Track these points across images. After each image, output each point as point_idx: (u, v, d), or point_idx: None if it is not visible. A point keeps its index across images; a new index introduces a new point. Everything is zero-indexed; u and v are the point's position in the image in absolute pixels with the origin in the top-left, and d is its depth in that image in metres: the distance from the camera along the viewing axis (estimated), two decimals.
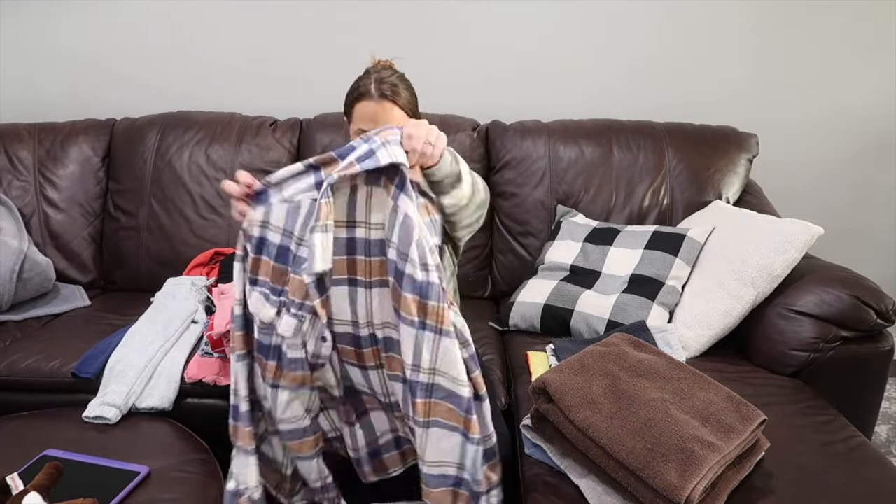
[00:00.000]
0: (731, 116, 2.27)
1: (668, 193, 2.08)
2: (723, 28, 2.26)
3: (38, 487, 1.17)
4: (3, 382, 1.66)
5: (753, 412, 1.20)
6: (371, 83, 1.44)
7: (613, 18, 2.27)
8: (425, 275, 1.10)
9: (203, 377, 1.61)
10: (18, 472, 1.26)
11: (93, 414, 1.50)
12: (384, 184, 1.14)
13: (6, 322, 1.90)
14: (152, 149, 2.18)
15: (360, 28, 2.30)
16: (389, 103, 1.42)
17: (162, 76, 2.40)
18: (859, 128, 2.34)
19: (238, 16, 2.32)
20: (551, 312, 1.80)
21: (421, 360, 1.13)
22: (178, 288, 1.93)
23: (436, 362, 1.13)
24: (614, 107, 2.32)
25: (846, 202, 2.43)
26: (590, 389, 1.21)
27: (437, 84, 2.34)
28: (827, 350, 1.55)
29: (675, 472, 1.05)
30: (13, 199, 2.13)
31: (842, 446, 1.29)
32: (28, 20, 2.36)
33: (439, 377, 1.14)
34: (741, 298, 1.64)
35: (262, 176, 1.19)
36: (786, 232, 1.64)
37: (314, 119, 2.25)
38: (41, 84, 2.43)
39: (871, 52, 2.26)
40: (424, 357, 1.12)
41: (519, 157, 2.14)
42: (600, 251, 1.91)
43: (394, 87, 1.43)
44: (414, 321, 1.11)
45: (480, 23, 2.29)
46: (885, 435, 2.15)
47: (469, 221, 1.41)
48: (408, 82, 1.48)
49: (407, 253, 1.10)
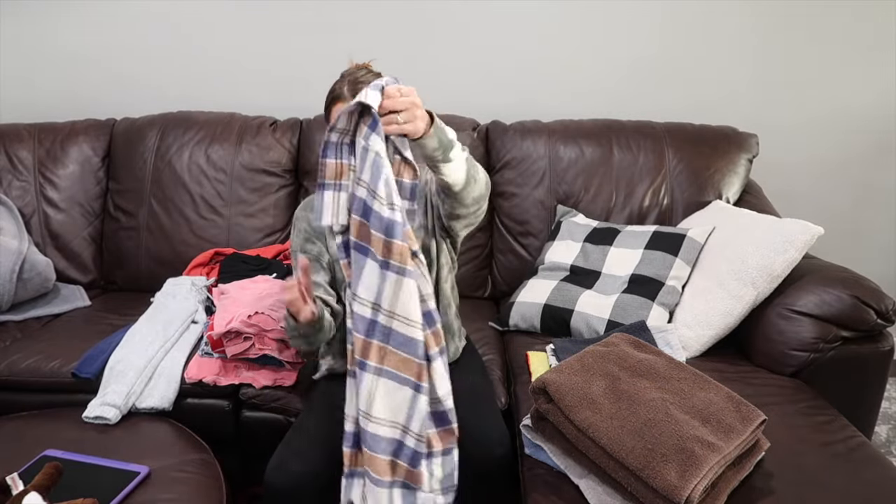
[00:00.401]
0: (731, 116, 2.27)
1: (668, 193, 2.08)
2: (723, 28, 2.26)
3: (37, 487, 1.17)
4: (3, 382, 1.66)
5: (753, 412, 1.20)
6: (345, 85, 1.42)
7: (613, 18, 2.27)
8: (391, 213, 1.14)
9: (203, 377, 1.61)
10: (18, 473, 1.26)
11: (93, 414, 1.50)
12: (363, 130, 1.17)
13: (6, 322, 1.90)
14: (152, 149, 2.18)
15: (361, 28, 2.31)
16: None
17: (162, 76, 2.40)
18: (859, 128, 2.34)
19: (238, 16, 2.32)
20: (551, 312, 1.80)
21: (382, 300, 1.16)
22: (178, 288, 1.93)
23: (395, 304, 1.16)
24: (614, 107, 2.32)
25: (846, 202, 2.43)
26: (590, 389, 1.21)
27: (437, 84, 2.34)
28: (827, 350, 1.55)
29: (675, 472, 1.05)
30: (13, 199, 2.13)
31: (842, 446, 1.29)
32: (28, 20, 2.36)
33: (396, 322, 1.16)
34: (741, 298, 1.64)
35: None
36: (786, 232, 1.64)
37: (314, 119, 2.25)
38: (41, 84, 2.43)
39: (871, 52, 2.26)
40: (385, 296, 1.16)
41: (519, 157, 2.14)
42: (600, 251, 1.91)
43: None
44: (378, 259, 1.15)
45: (480, 23, 2.29)
46: (885, 435, 2.15)
47: (465, 213, 1.39)
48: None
49: (375, 189, 1.13)
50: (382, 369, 1.18)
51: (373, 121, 1.14)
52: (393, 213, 1.14)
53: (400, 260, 1.15)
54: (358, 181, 1.17)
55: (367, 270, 1.17)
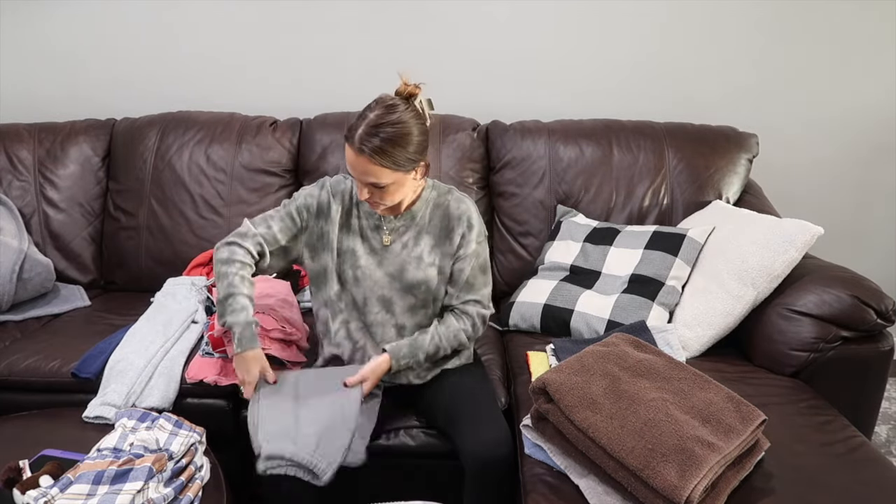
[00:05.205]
0: (731, 116, 2.27)
1: (668, 193, 2.08)
2: (723, 28, 2.26)
3: (48, 472, 1.23)
4: (3, 382, 1.66)
5: (753, 412, 1.20)
6: (357, 131, 1.33)
7: (613, 18, 2.27)
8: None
9: (203, 377, 1.61)
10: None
11: (93, 414, 1.51)
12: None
13: (6, 322, 1.90)
14: (152, 149, 2.18)
15: (361, 28, 2.30)
16: (366, 160, 1.33)
17: (162, 76, 2.40)
18: (860, 128, 2.34)
19: (238, 16, 2.32)
20: (551, 312, 1.80)
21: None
22: (178, 288, 1.93)
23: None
24: (614, 107, 2.32)
25: (846, 202, 2.43)
26: (590, 389, 1.21)
27: (437, 84, 2.32)
28: (827, 350, 1.55)
29: (676, 472, 1.06)
30: (13, 199, 2.13)
31: (842, 446, 1.30)
32: (28, 20, 2.36)
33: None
34: (741, 298, 1.64)
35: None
36: (786, 232, 1.64)
37: (314, 119, 2.25)
38: (41, 84, 2.43)
39: (871, 53, 2.26)
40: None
41: (519, 157, 2.13)
42: (600, 251, 1.91)
43: (376, 150, 1.31)
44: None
45: (481, 23, 2.29)
46: (885, 435, 2.15)
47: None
48: (400, 138, 1.32)
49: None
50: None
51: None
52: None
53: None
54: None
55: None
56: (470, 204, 1.51)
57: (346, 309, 1.52)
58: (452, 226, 1.49)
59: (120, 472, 1.22)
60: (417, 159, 1.38)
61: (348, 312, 1.52)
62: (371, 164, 1.33)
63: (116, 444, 1.34)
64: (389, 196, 1.40)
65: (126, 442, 1.34)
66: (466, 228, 1.48)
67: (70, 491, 1.19)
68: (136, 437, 1.35)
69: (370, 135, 1.32)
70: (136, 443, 1.33)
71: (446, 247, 1.49)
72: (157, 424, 1.41)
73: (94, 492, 1.19)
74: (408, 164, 1.36)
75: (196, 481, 1.31)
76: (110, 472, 1.22)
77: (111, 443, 1.34)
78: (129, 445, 1.33)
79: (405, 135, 1.33)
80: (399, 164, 1.34)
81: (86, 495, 1.18)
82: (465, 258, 1.49)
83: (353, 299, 1.51)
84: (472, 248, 1.49)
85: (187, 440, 1.38)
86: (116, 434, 1.37)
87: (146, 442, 1.34)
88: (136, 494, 1.18)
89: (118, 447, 1.33)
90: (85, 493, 1.19)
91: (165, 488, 1.24)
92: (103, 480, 1.21)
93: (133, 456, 1.28)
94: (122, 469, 1.22)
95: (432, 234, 1.50)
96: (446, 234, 1.49)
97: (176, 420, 1.44)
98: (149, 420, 1.42)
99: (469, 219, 1.49)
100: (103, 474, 1.21)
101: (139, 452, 1.30)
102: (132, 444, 1.33)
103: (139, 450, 1.32)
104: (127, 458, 1.26)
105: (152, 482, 1.22)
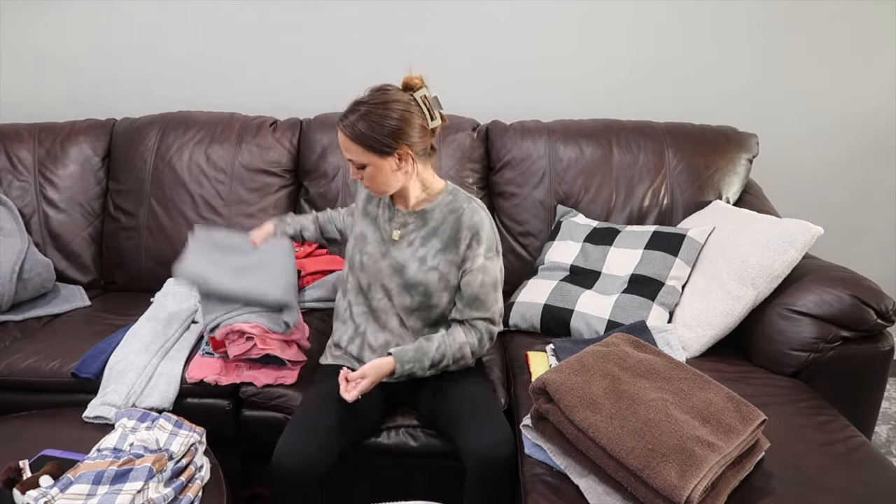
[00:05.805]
0: (731, 116, 2.27)
1: (668, 193, 2.08)
2: (723, 29, 2.26)
3: (48, 473, 1.23)
4: (3, 382, 1.66)
5: (753, 412, 1.20)
6: (345, 111, 1.41)
7: (614, 19, 2.27)
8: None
9: (204, 377, 1.61)
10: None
11: (93, 414, 1.51)
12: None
13: (6, 322, 1.90)
14: (152, 149, 2.18)
15: (361, 28, 2.30)
16: (342, 134, 1.40)
17: (162, 76, 2.40)
18: (859, 128, 2.34)
19: (238, 16, 2.32)
20: (551, 312, 1.80)
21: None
22: (178, 288, 1.93)
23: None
24: (614, 107, 2.32)
25: (846, 202, 2.43)
26: (590, 389, 1.21)
27: (437, 84, 2.32)
28: (827, 350, 1.55)
29: (676, 472, 1.06)
30: (13, 199, 2.13)
31: (842, 446, 1.30)
32: (28, 20, 2.36)
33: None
34: (741, 298, 1.64)
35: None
36: (786, 232, 1.64)
37: (314, 119, 2.25)
38: (41, 84, 2.43)
39: (871, 53, 2.26)
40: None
41: (519, 157, 2.13)
42: (600, 251, 1.91)
43: (351, 126, 1.38)
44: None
45: (481, 23, 2.29)
46: (885, 435, 2.15)
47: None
48: (375, 117, 1.37)
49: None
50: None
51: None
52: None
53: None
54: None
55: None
56: (485, 217, 1.50)
57: (352, 290, 1.57)
58: (461, 235, 1.48)
59: (120, 472, 1.22)
60: (391, 144, 1.39)
61: (354, 295, 1.56)
62: (346, 138, 1.39)
63: (116, 444, 1.34)
64: (369, 179, 1.44)
65: (126, 442, 1.34)
66: (474, 241, 1.47)
67: (70, 491, 1.19)
68: (136, 437, 1.35)
69: (351, 111, 1.39)
70: (136, 443, 1.33)
71: (452, 255, 1.49)
72: (157, 424, 1.41)
73: (94, 492, 1.19)
74: (379, 146, 1.38)
75: (196, 481, 1.31)
76: (110, 472, 1.22)
77: (111, 443, 1.34)
78: (129, 445, 1.33)
79: (381, 115, 1.37)
80: (368, 144, 1.38)
81: (86, 495, 1.19)
82: (471, 272, 1.48)
83: (358, 282, 1.55)
84: (480, 262, 1.48)
85: (187, 440, 1.38)
86: (116, 434, 1.37)
87: (146, 442, 1.34)
88: (136, 494, 1.19)
89: (118, 447, 1.33)
90: (85, 493, 1.19)
91: (165, 488, 1.24)
92: (103, 480, 1.21)
93: (133, 456, 1.28)
94: (122, 469, 1.22)
95: (441, 238, 1.50)
96: (454, 242, 1.49)
97: (176, 420, 1.44)
98: (149, 420, 1.42)
99: (479, 231, 1.48)
100: (103, 474, 1.21)
101: (139, 452, 1.30)
102: (132, 444, 1.33)
103: (139, 450, 1.32)
104: (127, 458, 1.26)
105: (152, 482, 1.22)
